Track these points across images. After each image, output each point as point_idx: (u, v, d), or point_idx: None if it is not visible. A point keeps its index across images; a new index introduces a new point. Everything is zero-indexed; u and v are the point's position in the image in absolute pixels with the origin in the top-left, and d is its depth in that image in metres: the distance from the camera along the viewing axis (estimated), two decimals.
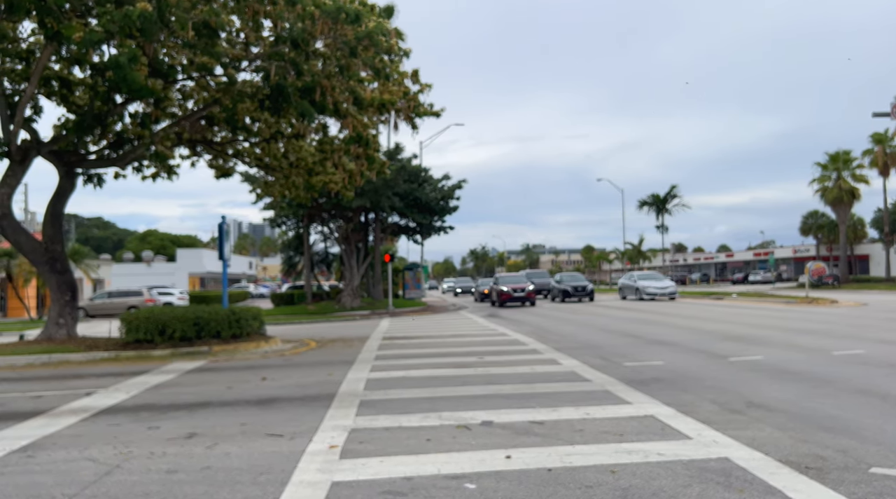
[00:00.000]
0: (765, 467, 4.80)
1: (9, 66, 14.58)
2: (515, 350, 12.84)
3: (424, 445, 5.78)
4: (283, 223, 38.90)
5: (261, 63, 13.78)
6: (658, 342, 13.50)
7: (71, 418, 7.44)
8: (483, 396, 8.00)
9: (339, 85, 13.53)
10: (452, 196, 36.01)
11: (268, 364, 11.97)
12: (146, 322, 13.44)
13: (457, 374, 9.81)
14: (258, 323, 14.75)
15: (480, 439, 5.95)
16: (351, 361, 11.92)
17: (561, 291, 35.07)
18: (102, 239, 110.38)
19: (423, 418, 6.85)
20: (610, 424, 6.34)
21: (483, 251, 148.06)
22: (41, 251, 14.79)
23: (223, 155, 18.67)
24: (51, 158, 15.09)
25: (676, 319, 20.12)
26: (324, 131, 17.44)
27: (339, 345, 15.27)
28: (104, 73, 11.66)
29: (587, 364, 10.45)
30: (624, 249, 70.51)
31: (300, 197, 20.67)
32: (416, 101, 15.52)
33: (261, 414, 7.38)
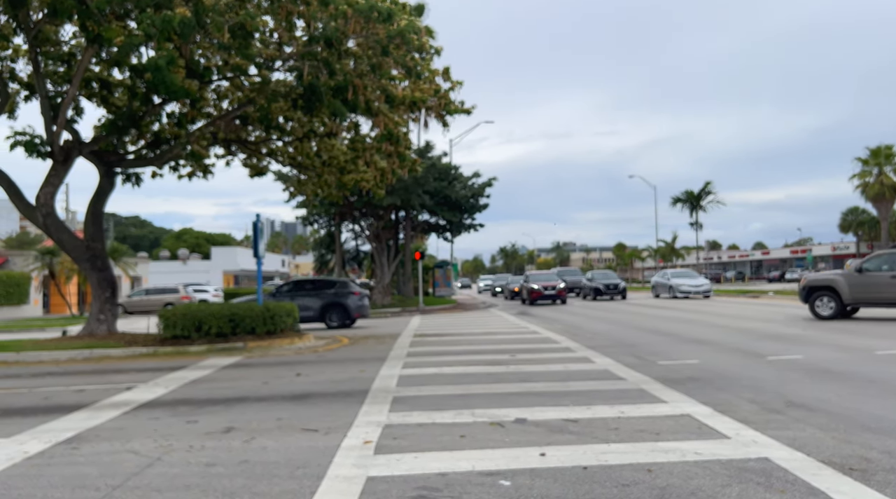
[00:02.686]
0: (807, 468, 4.69)
1: (51, 69, 15.01)
2: (548, 348, 12.77)
3: (458, 441, 5.79)
4: (315, 221, 39.35)
5: (294, 63, 13.94)
6: (693, 341, 13.29)
7: (113, 411, 7.63)
8: (516, 393, 7.97)
9: (370, 83, 13.62)
10: (482, 194, 36.00)
11: (301, 360, 12.12)
12: (183, 319, 13.72)
13: (489, 371, 9.80)
14: (292, 320, 14.94)
15: (514, 436, 5.94)
16: (383, 357, 12.00)
17: (592, 290, 34.78)
18: (139, 237, 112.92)
19: (456, 414, 6.87)
20: (645, 422, 6.26)
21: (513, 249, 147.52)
22: (83, 249, 15.19)
23: (257, 154, 18.95)
24: (91, 158, 15.49)
25: (711, 317, 19.78)
26: (356, 130, 17.58)
27: (371, 342, 15.38)
28: (142, 74, 11.92)
29: (621, 363, 10.34)
30: (657, 246, 69.55)
31: (332, 195, 20.89)
32: (447, 99, 15.54)
33: (296, 409, 7.47)
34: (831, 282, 17.47)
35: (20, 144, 13.74)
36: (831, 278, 17.77)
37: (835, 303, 17.21)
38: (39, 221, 14.52)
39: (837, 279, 17.46)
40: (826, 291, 17.39)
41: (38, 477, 5.12)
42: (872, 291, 16.70)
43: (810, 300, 17.70)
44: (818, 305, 17.48)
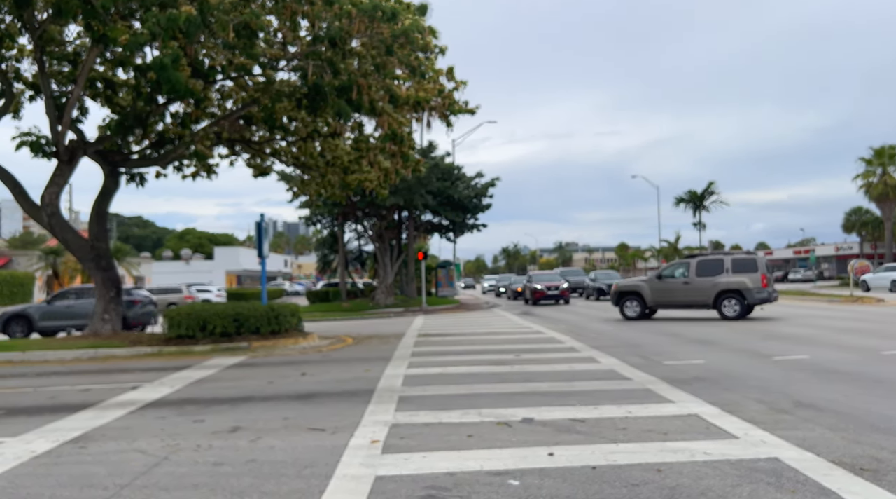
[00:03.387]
0: (817, 468, 4.67)
1: (56, 69, 15.03)
2: (552, 348, 12.75)
3: (466, 441, 5.78)
4: (318, 221, 39.34)
5: (298, 62, 13.94)
6: (698, 341, 13.26)
7: (119, 410, 7.64)
8: (522, 393, 7.96)
9: (375, 83, 13.61)
10: (486, 194, 35.95)
11: (306, 360, 12.11)
12: (188, 318, 13.73)
13: (494, 371, 9.79)
14: (296, 319, 14.94)
15: (522, 436, 5.92)
16: (388, 357, 11.99)
17: (596, 290, 34.70)
18: (142, 237, 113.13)
19: (462, 414, 6.85)
20: (653, 422, 6.25)
21: (515, 249, 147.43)
22: (87, 249, 15.21)
23: (261, 154, 18.95)
24: (96, 157, 15.51)
25: (715, 317, 19.71)
26: (359, 130, 17.57)
27: (376, 342, 15.37)
28: (147, 74, 11.93)
29: (626, 363, 10.32)
30: (659, 246, 69.45)
31: (336, 195, 20.89)
32: (451, 99, 15.52)
33: (302, 409, 7.47)
34: (637, 288, 19.63)
35: (26, 144, 13.76)
36: (637, 285, 19.86)
37: (639, 305, 19.32)
38: (45, 221, 14.54)
39: (642, 285, 19.62)
40: (633, 296, 19.49)
41: (47, 476, 5.12)
42: (668, 296, 19.05)
43: (620, 303, 19.68)
44: (626, 308, 19.50)
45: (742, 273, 18.17)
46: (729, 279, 18.20)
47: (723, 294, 18.23)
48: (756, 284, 17.92)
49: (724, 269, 18.41)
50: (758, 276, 18.03)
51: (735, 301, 18.08)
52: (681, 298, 18.88)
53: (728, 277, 18.22)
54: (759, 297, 17.95)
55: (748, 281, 17.99)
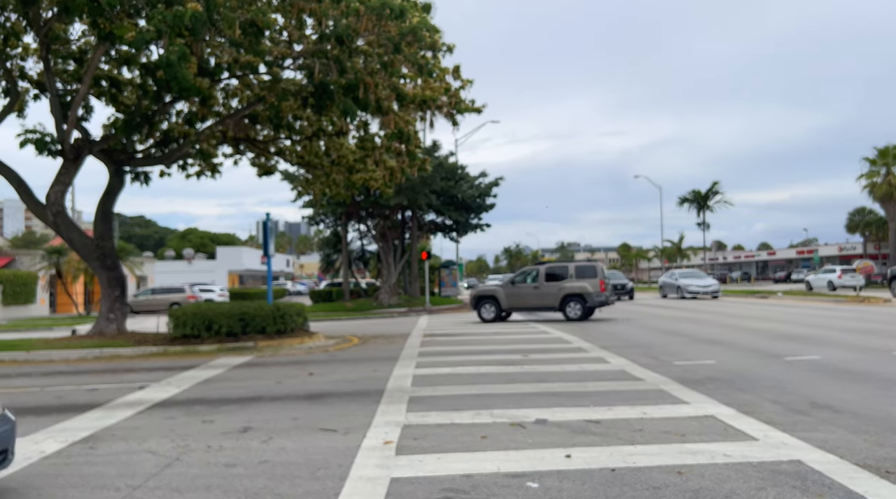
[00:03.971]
0: (842, 471, 4.59)
1: (61, 68, 14.98)
2: (560, 348, 12.67)
3: (480, 442, 5.70)
4: (321, 221, 39.28)
5: (304, 61, 13.87)
6: (707, 341, 13.17)
7: (127, 410, 7.57)
8: (534, 394, 7.88)
9: (381, 82, 13.53)
10: (489, 194, 35.86)
11: (313, 360, 12.04)
12: (193, 318, 13.66)
13: (504, 371, 9.71)
14: (302, 319, 14.87)
15: (536, 437, 5.84)
16: (395, 357, 11.91)
17: None
18: (144, 237, 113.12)
19: (475, 415, 6.78)
20: (669, 423, 6.16)
21: (517, 249, 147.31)
22: (92, 248, 15.15)
23: (265, 153, 18.88)
24: (101, 156, 15.45)
25: (722, 317, 19.64)
26: (365, 129, 17.49)
27: (382, 341, 15.30)
28: (154, 72, 11.87)
29: (636, 363, 10.23)
30: (662, 246, 69.30)
31: (340, 194, 20.80)
32: (457, 98, 15.44)
33: (312, 409, 7.40)
34: (494, 292, 21.01)
35: (31, 141, 13.70)
36: (494, 290, 21.26)
37: (495, 309, 20.65)
38: (50, 220, 14.49)
39: (498, 290, 21.00)
40: (490, 300, 20.82)
41: (57, 476, 5.05)
42: (521, 300, 20.51)
43: (477, 307, 21.02)
44: (483, 310, 20.82)
45: (584, 279, 19.98)
46: (573, 284, 19.93)
47: (567, 298, 19.87)
48: (595, 289, 19.74)
49: (569, 275, 20.23)
50: (597, 281, 19.88)
51: (577, 304, 19.76)
52: (531, 302, 20.41)
53: (572, 283, 19.96)
54: (598, 300, 19.76)
55: (589, 286, 19.78)
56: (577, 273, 20.15)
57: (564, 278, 20.15)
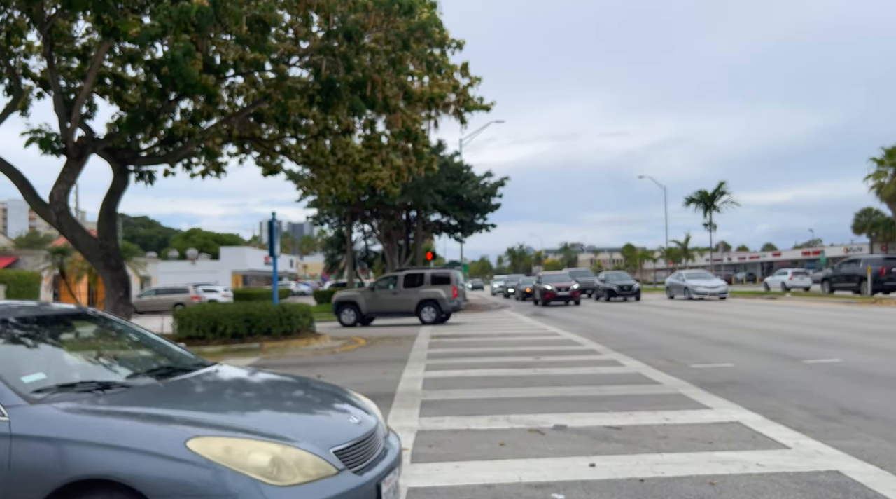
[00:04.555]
0: (885, 483, 4.35)
1: (64, 65, 14.78)
2: (572, 350, 12.43)
3: (499, 450, 5.48)
4: (325, 221, 39.11)
5: (311, 58, 13.66)
6: (721, 343, 12.92)
7: None
8: (549, 398, 7.65)
9: (389, 79, 13.31)
10: (494, 193, 35.66)
11: (320, 361, 11.83)
12: (198, 319, 13.46)
13: (516, 374, 9.48)
14: (308, 320, 14.66)
15: (557, 444, 5.62)
16: (403, 359, 11.69)
17: (606, 291, 34.36)
18: (148, 237, 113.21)
19: (490, 420, 6.55)
20: (695, 430, 5.93)
21: (521, 250, 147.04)
22: (96, 247, 14.94)
23: (271, 152, 18.68)
24: (105, 155, 15.25)
25: (733, 319, 19.38)
26: (371, 128, 17.28)
27: (389, 343, 15.08)
28: (158, 69, 11.66)
29: (651, 366, 9.99)
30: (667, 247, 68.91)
31: (346, 194, 20.60)
32: (465, 95, 15.19)
33: None
34: (354, 298, 21.79)
35: (35, 140, 13.48)
36: (354, 295, 22.10)
37: (355, 314, 21.39)
38: (53, 219, 14.28)
39: (358, 296, 21.86)
40: (350, 305, 21.56)
41: None
42: (380, 305, 21.39)
43: (338, 312, 21.58)
44: (343, 315, 21.45)
45: (438, 286, 21.08)
46: (428, 291, 21.03)
47: (423, 303, 20.91)
48: (449, 295, 20.89)
49: (425, 281, 21.27)
50: (451, 288, 20.98)
51: (432, 309, 20.84)
52: (390, 307, 21.35)
53: (427, 289, 21.06)
54: (451, 305, 20.96)
55: (443, 292, 20.90)
56: (432, 280, 21.22)
57: (421, 285, 21.19)
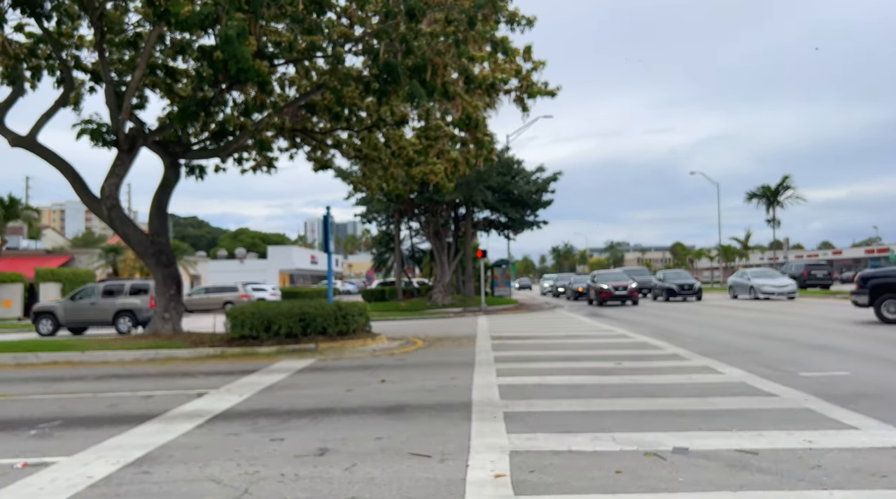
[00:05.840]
0: None
1: (116, 57, 14.44)
2: (652, 355, 11.36)
3: (616, 480, 4.55)
4: (373, 219, 38.56)
5: (366, 42, 12.92)
6: (816, 347, 11.65)
7: (185, 423, 6.68)
8: (651, 412, 6.67)
9: (451, 62, 12.46)
10: (546, 189, 34.49)
11: (380, 364, 11.06)
12: (252, 318, 12.87)
13: (602, 382, 8.50)
14: (364, 319, 13.94)
15: (686, 472, 4.65)
16: (469, 362, 10.83)
17: (665, 290, 32.84)
18: (197, 237, 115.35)
19: (592, 439, 5.62)
20: (853, 457, 4.88)
21: (567, 248, 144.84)
22: (147, 243, 14.57)
23: (322, 146, 18.09)
24: (156, 148, 14.87)
25: (812, 320, 17.90)
26: (427, 118, 16.48)
27: (449, 344, 14.24)
28: (211, 55, 11.10)
29: (754, 373, 8.87)
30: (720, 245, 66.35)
31: (398, 189, 19.90)
32: (528, 81, 14.26)
33: (394, 425, 6.36)
34: (52, 308, 21.89)
35: (86, 132, 13.16)
36: (53, 306, 22.14)
37: (52, 323, 21.45)
38: (104, 214, 13.95)
39: (57, 306, 21.96)
40: (48, 315, 21.57)
41: None
42: (79, 315, 21.60)
43: (36, 322, 21.58)
44: (40, 325, 21.43)
45: (136, 296, 21.64)
46: (125, 301, 21.43)
47: (119, 313, 21.34)
48: (145, 305, 21.27)
49: (124, 292, 21.72)
50: (148, 298, 21.25)
51: (128, 318, 21.35)
52: (88, 317, 21.60)
53: (124, 299, 21.46)
54: (147, 315, 20.95)
55: (139, 302, 21.45)
56: (131, 290, 21.76)
57: (119, 295, 21.68)
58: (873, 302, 16.32)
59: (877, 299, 16.27)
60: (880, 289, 16.31)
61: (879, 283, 16.42)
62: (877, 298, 16.28)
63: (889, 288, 16.24)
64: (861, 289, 16.73)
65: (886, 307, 16.12)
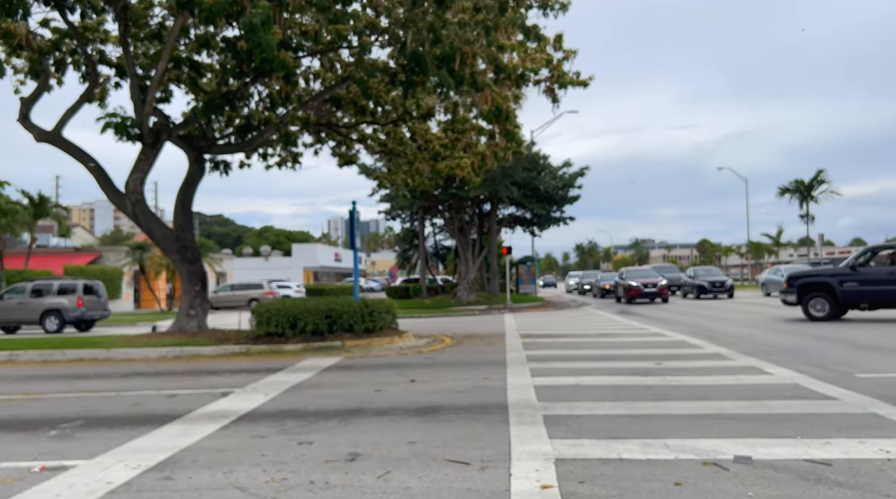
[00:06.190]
0: None
1: (141, 51, 14.29)
2: (692, 354, 10.86)
3: (678, 494, 4.12)
4: (397, 216, 38.31)
5: (393, 32, 12.58)
6: (868, 348, 11.04)
7: (209, 424, 6.39)
8: (702, 415, 6.22)
9: (480, 52, 12.06)
10: (573, 184, 33.90)
11: (409, 363, 10.72)
12: (277, 315, 12.62)
13: (644, 383, 8.06)
14: (391, 317, 13.63)
15: (753, 486, 4.21)
16: (500, 361, 10.44)
17: (696, 287, 32.10)
18: (223, 235, 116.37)
19: (643, 446, 5.20)
20: None
21: (591, 245, 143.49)
22: (172, 239, 14.43)
23: (347, 141, 17.82)
24: (180, 143, 14.71)
25: (858, 316, 17.15)
26: (454, 111, 16.10)
27: (477, 342, 13.86)
28: (235, 46, 10.84)
29: (807, 374, 8.35)
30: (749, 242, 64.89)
31: (424, 184, 19.58)
32: (560, 70, 13.80)
33: (427, 428, 6.00)
34: None
35: (110, 125, 13.02)
36: None
37: None
38: (129, 210, 13.82)
39: None
40: None
41: None
42: (7, 314, 21.66)
43: None
44: None
45: (63, 296, 21.81)
46: (52, 301, 21.64)
47: (46, 312, 21.54)
48: (73, 305, 21.63)
49: (52, 292, 21.90)
50: (75, 298, 21.68)
51: (55, 318, 21.54)
52: (16, 316, 21.76)
53: (51, 299, 21.67)
54: (73, 315, 21.56)
55: (66, 302, 21.76)
56: (58, 290, 21.86)
57: (47, 295, 21.85)
58: (801, 300, 17.13)
59: (804, 298, 17.09)
60: (807, 288, 17.13)
61: (806, 282, 17.25)
62: (804, 296, 17.11)
63: (815, 287, 17.04)
64: (790, 288, 17.49)
65: (813, 305, 16.96)
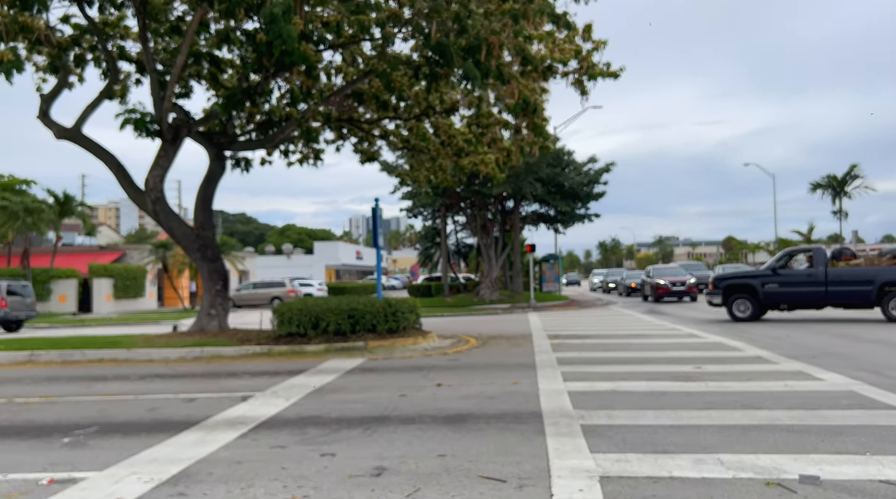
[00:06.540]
0: None
1: (161, 47, 14.09)
2: (732, 357, 10.33)
3: None
4: (419, 214, 37.98)
5: (416, 23, 12.19)
6: None
7: (228, 432, 6.07)
8: (755, 427, 5.74)
9: (507, 42, 11.63)
10: (598, 180, 33.26)
11: (434, 365, 10.34)
12: (299, 314, 12.33)
13: (687, 389, 7.58)
14: (414, 317, 13.27)
15: None
16: (530, 364, 10.02)
17: None
18: (245, 233, 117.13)
19: (695, 462, 4.75)
20: None
21: (614, 243, 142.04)
22: (193, 237, 14.22)
23: (369, 137, 17.49)
24: (201, 139, 14.49)
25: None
26: (478, 105, 15.67)
27: (503, 343, 13.44)
28: (255, 38, 10.55)
29: (861, 381, 7.81)
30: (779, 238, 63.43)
31: (447, 181, 19.17)
32: (589, 62, 13.30)
33: (457, 439, 5.61)
34: None
35: (130, 121, 12.83)
36: None
37: None
38: (149, 207, 13.64)
39: None
40: None
41: None
42: None
43: None
44: None
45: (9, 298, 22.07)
46: None
47: None
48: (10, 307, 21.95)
49: None
50: None
51: None
52: None
53: None
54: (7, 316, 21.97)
55: None
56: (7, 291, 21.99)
57: None
58: (726, 302, 17.36)
59: (728, 299, 17.32)
60: (731, 289, 17.39)
61: (730, 284, 17.51)
62: (728, 297, 17.34)
63: (739, 289, 17.29)
64: (715, 290, 17.72)
65: (737, 306, 17.24)
